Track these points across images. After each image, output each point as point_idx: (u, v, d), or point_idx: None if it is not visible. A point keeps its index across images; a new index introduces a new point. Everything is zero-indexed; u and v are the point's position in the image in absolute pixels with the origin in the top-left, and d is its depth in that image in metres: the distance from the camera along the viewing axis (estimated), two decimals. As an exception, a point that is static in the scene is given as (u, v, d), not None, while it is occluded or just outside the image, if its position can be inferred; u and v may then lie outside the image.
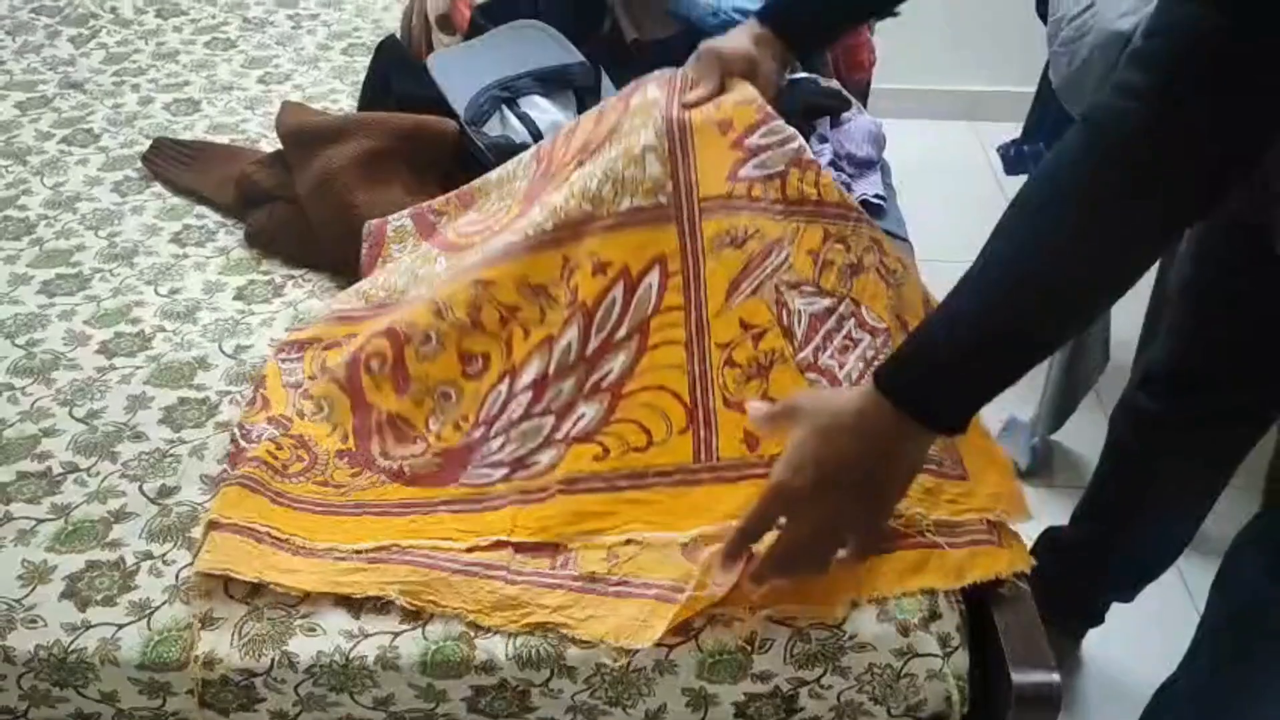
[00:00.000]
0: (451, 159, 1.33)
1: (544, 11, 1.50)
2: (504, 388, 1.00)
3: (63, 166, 1.43)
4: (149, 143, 1.45)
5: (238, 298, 1.22)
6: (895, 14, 1.20)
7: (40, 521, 0.95)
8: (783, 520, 0.82)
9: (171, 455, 1.01)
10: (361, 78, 1.53)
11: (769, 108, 1.05)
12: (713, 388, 0.96)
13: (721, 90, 1.05)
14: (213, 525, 0.90)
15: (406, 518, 0.94)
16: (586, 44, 1.47)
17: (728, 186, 1.00)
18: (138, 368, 1.11)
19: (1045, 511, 1.61)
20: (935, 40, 2.59)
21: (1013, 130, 1.79)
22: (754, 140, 1.03)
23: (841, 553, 0.83)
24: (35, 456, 1.01)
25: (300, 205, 1.28)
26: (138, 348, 1.14)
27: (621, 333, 0.98)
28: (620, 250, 0.99)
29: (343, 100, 1.58)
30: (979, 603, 0.89)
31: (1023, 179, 0.80)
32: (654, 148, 1.00)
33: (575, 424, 0.96)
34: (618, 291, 0.98)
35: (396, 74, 1.48)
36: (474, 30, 1.51)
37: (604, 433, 0.96)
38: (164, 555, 0.92)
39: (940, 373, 0.78)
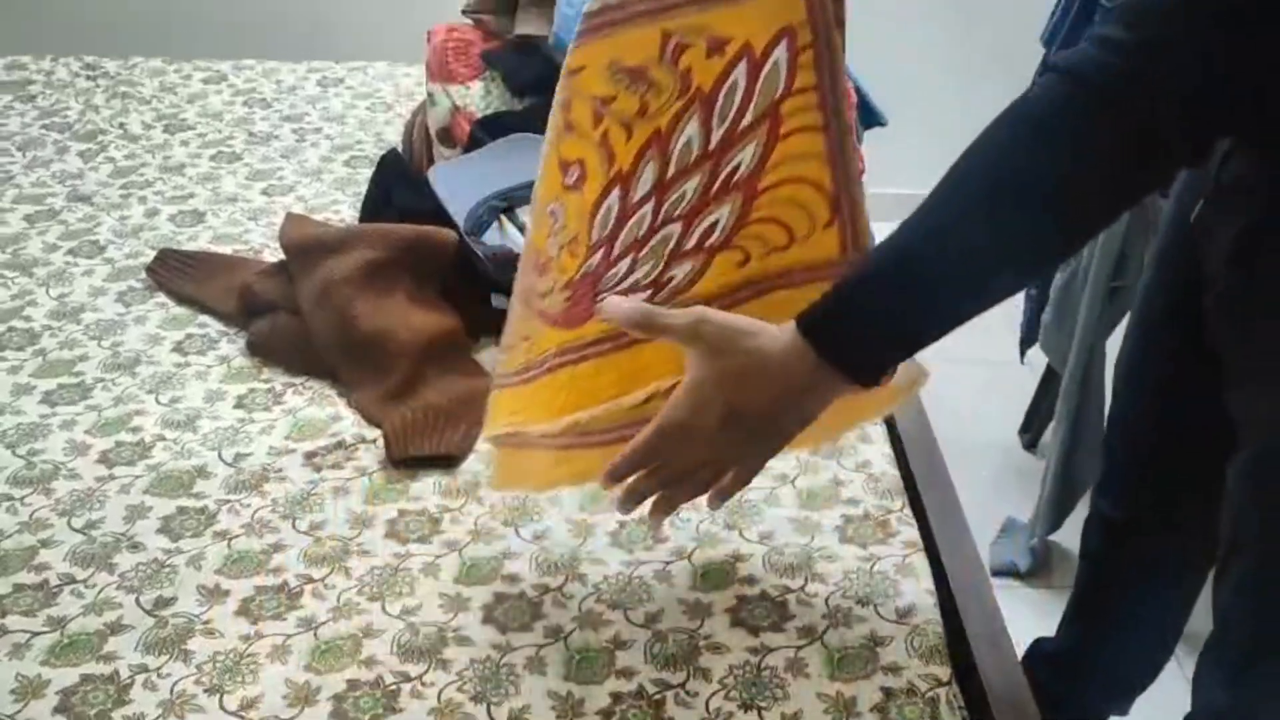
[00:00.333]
0: (452, 269, 1.35)
1: (543, 125, 1.54)
2: (614, 200, 0.86)
3: (68, 278, 1.46)
4: (154, 254, 1.48)
5: (238, 406, 1.23)
6: (883, 123, 1.22)
7: (35, 634, 0.94)
8: None
9: (169, 566, 1.01)
10: (363, 189, 1.57)
11: None
12: (855, 174, 0.87)
13: None
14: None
15: (564, 371, 0.88)
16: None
17: None
18: (137, 477, 1.12)
19: (1045, 613, 1.60)
20: (924, 147, 2.65)
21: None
22: None
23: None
24: (33, 568, 1.01)
25: (302, 315, 1.30)
26: (137, 457, 1.15)
27: (747, 119, 0.85)
28: (739, 24, 0.83)
29: (344, 211, 1.61)
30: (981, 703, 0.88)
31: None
32: None
33: (709, 230, 0.86)
34: (740, 73, 0.84)
35: (398, 186, 1.51)
36: (473, 143, 1.55)
37: (743, 235, 0.87)
38: (159, 669, 0.91)
39: (868, 323, 0.76)
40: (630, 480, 0.83)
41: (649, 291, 0.88)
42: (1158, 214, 1.35)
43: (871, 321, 0.76)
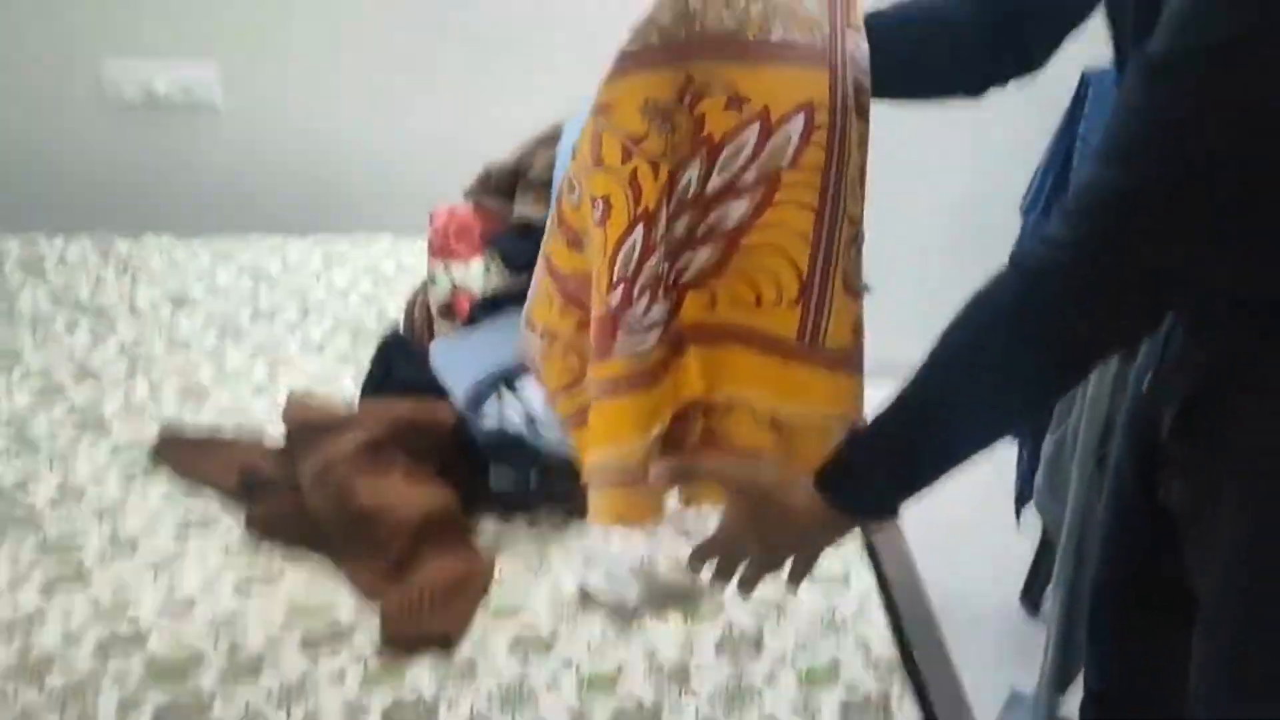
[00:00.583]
0: (450, 444, 1.38)
1: (539, 302, 1.59)
2: (638, 237, 0.87)
3: (72, 456, 1.47)
4: (157, 431, 1.50)
5: (236, 590, 1.23)
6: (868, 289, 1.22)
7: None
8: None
9: (161, 761, 1.00)
10: (365, 363, 1.60)
11: None
12: (835, 268, 0.88)
13: None
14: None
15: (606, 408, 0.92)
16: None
17: None
18: (132, 667, 1.11)
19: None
20: (906, 313, 2.71)
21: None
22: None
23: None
24: (22, 765, 1.00)
25: (302, 495, 1.32)
26: (134, 647, 1.14)
27: (748, 178, 0.87)
28: (761, 87, 0.85)
29: (346, 385, 1.64)
30: None
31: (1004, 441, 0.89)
32: None
33: (687, 266, 0.90)
34: (751, 133, 0.86)
35: (399, 361, 1.55)
36: (473, 321, 1.59)
37: (715, 281, 0.90)
38: None
39: (872, 479, 0.89)
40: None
41: (662, 329, 0.90)
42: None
43: (874, 478, 0.89)
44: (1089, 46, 1.11)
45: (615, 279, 0.87)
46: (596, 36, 1.71)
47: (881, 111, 0.92)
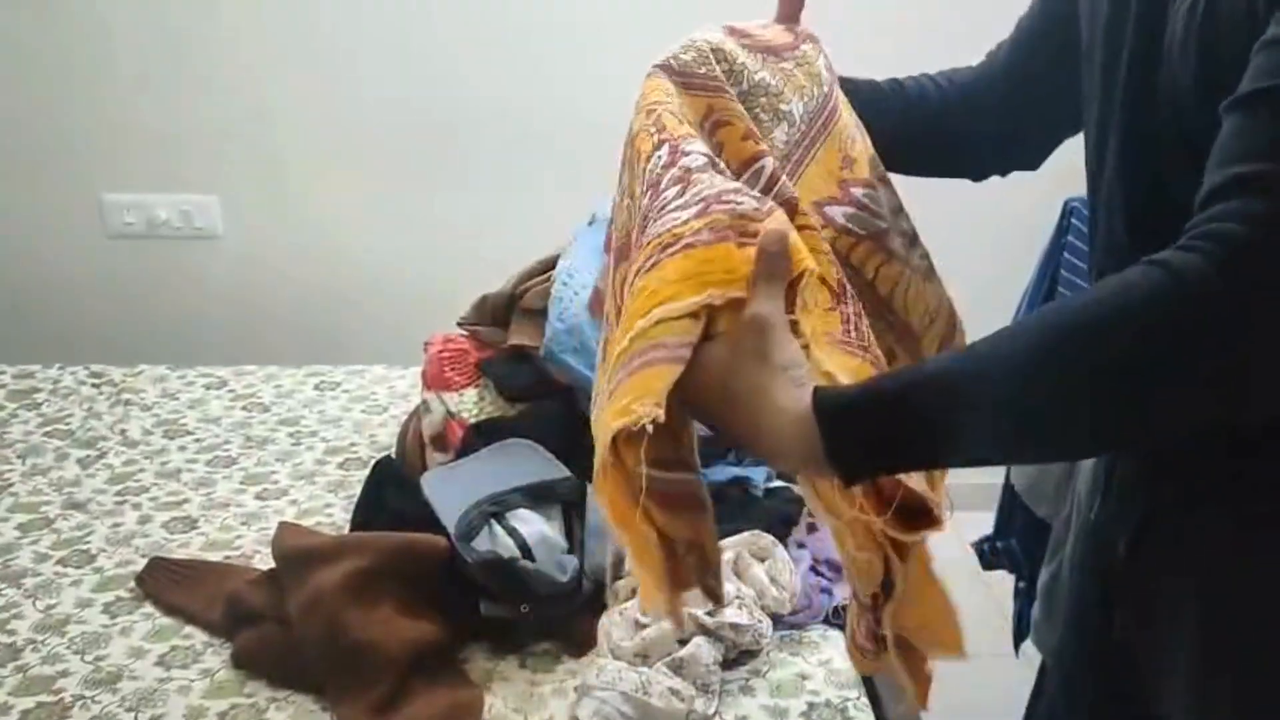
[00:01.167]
0: (443, 575, 1.36)
1: (533, 429, 1.60)
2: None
3: (56, 588, 1.45)
4: (144, 562, 1.48)
5: (220, 725, 1.20)
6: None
7: None
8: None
9: None
10: (357, 492, 1.59)
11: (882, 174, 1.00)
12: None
13: None
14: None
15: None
16: (574, 459, 1.55)
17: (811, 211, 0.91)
18: (109, 807, 1.08)
19: None
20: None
21: (985, 520, 1.85)
22: (858, 192, 0.96)
23: None
24: None
25: (289, 626, 1.30)
26: (111, 784, 1.11)
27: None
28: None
29: (337, 515, 1.63)
30: None
31: (999, 574, 0.84)
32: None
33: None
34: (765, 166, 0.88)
35: (390, 491, 1.54)
36: (466, 448, 1.59)
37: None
38: None
39: (879, 424, 0.72)
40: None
41: None
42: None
43: (880, 423, 0.73)
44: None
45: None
46: (583, 164, 1.77)
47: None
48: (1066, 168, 1.15)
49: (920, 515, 0.79)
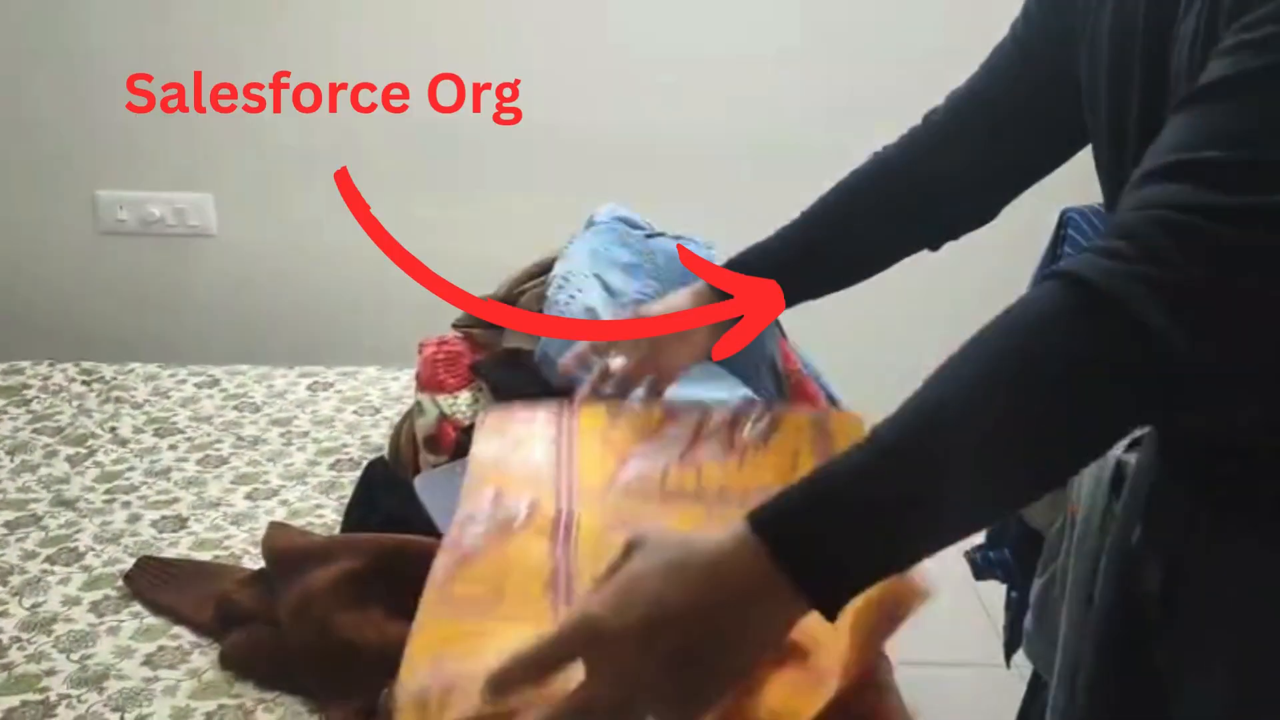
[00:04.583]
0: (433, 578, 1.35)
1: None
2: None
3: (43, 586, 1.44)
4: (133, 561, 1.47)
5: (207, 726, 1.19)
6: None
7: None
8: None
9: None
10: (348, 493, 1.58)
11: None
12: None
13: None
14: None
15: None
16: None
17: None
18: (94, 808, 1.07)
19: None
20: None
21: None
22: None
23: None
24: None
25: (279, 627, 1.29)
26: (97, 785, 1.10)
27: None
28: None
29: (328, 515, 1.62)
30: None
31: (991, 584, 0.83)
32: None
33: None
34: None
35: (383, 493, 1.53)
36: (459, 449, 1.58)
37: None
38: None
39: (840, 520, 0.62)
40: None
41: None
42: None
43: (842, 531, 0.62)
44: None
45: None
46: (580, 167, 1.77)
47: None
48: (1061, 178, 1.15)
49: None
